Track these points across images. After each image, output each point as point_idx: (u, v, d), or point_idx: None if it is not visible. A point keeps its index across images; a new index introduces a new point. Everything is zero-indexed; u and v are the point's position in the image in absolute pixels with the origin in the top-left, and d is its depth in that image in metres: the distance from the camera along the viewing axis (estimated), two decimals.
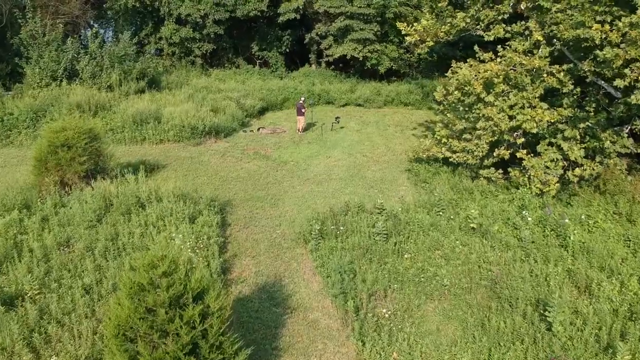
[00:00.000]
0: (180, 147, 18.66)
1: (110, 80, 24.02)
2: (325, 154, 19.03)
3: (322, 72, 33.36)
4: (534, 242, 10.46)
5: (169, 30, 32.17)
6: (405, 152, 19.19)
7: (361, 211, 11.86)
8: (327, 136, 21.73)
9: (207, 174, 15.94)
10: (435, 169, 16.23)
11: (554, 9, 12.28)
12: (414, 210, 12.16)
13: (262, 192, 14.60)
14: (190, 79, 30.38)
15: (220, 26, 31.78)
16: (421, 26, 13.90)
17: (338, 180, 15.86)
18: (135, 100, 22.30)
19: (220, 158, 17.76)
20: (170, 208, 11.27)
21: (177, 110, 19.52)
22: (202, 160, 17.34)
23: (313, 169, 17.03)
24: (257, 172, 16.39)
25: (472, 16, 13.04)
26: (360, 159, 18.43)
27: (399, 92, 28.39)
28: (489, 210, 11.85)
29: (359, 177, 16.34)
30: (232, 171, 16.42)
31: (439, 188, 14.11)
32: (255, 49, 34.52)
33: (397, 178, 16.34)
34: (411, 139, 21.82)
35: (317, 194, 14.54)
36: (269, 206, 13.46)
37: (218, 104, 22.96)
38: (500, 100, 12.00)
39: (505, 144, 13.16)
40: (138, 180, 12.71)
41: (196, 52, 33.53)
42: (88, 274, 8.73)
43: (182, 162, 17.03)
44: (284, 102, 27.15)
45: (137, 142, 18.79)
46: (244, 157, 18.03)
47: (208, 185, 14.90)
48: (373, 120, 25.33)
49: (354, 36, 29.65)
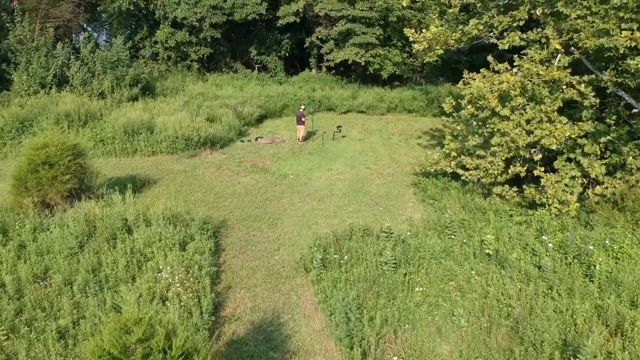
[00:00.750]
0: (173, 160, 17.84)
1: (102, 87, 23.23)
2: (326, 166, 18.23)
3: (322, 77, 32.57)
4: (556, 272, 9.64)
5: (165, 33, 31.38)
6: (411, 164, 18.37)
7: (366, 235, 11.03)
8: (329, 146, 20.93)
9: (201, 190, 15.13)
10: (443, 184, 15.43)
11: (573, 15, 11.48)
12: (423, 233, 11.33)
13: (259, 210, 13.79)
14: (186, 85, 29.62)
15: (217, 30, 31.00)
16: (430, 33, 13.11)
17: (340, 196, 15.05)
18: (128, 108, 21.49)
19: (216, 171, 16.94)
20: (159, 233, 10.44)
21: (171, 119, 18.71)
22: (196, 174, 16.52)
23: (314, 183, 16.22)
24: (254, 187, 15.58)
25: (486, 23, 12.25)
26: (363, 172, 17.63)
27: (403, 99, 27.61)
28: (505, 233, 11.02)
29: (363, 192, 15.53)
30: (228, 186, 15.60)
31: (449, 207, 13.32)
32: (254, 53, 33.75)
33: (403, 193, 15.54)
34: (416, 148, 21.04)
35: (319, 212, 13.72)
36: (266, 227, 12.64)
37: (214, 112, 22.16)
38: (517, 115, 11.19)
39: (520, 159, 12.34)
40: (125, 201, 11.87)
41: (192, 56, 32.74)
42: (64, 314, 7.90)
43: (175, 177, 16.21)
44: (283, 109, 26.37)
45: (128, 154, 17.97)
46: (241, 170, 17.22)
47: (202, 202, 14.08)
48: (376, 129, 24.55)
49: (355, 40, 28.88)
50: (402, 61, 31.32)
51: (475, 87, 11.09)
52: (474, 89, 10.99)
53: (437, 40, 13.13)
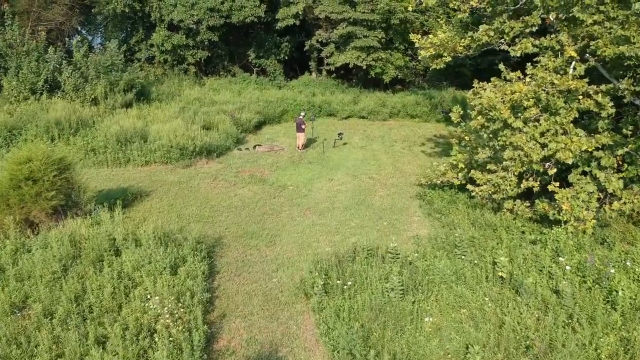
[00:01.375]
0: (167, 170, 17.21)
1: (95, 93, 22.64)
2: (327, 175, 17.61)
3: (322, 81, 31.98)
4: (575, 298, 9.01)
5: (161, 36, 30.78)
6: (415, 174, 17.78)
7: (371, 256, 10.39)
8: (329, 154, 20.32)
9: (196, 203, 14.49)
10: (450, 196, 14.82)
11: (589, 20, 10.87)
12: (431, 253, 10.69)
13: (257, 225, 13.15)
14: (182, 89, 29.02)
15: (214, 33, 30.41)
16: (437, 39, 12.48)
17: (342, 210, 14.42)
18: (121, 115, 20.91)
19: (212, 182, 16.31)
20: (149, 256, 9.81)
21: (165, 128, 18.09)
22: (191, 186, 15.89)
23: (314, 195, 15.59)
24: (252, 200, 14.95)
25: (496, 29, 11.63)
26: (366, 182, 17.01)
27: (405, 104, 27.02)
28: (519, 254, 10.39)
29: (366, 205, 14.90)
30: (225, 199, 14.97)
31: (457, 222, 12.70)
32: (252, 57, 33.16)
33: (408, 206, 14.91)
34: (420, 157, 20.45)
35: (319, 228, 13.09)
36: (264, 245, 12.00)
37: (211, 118, 21.56)
38: (530, 127, 10.56)
39: (533, 173, 11.72)
40: (114, 218, 11.23)
41: (189, 59, 32.15)
42: (42, 351, 7.26)
43: (169, 188, 15.58)
44: (282, 115, 25.77)
45: (120, 164, 17.35)
46: (238, 181, 16.59)
47: (196, 217, 13.44)
48: (378, 135, 23.95)
49: (357, 43, 28.29)
50: (404, 65, 30.73)
51: (485, 97, 10.47)
52: (485, 100, 10.38)
53: (445, 47, 12.52)
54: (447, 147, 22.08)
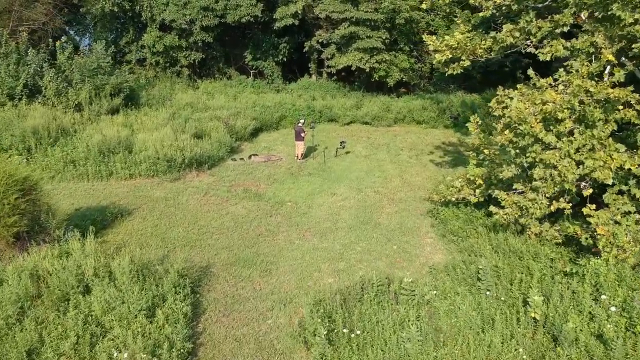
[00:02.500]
0: (154, 184, 15.89)
1: (79, 98, 21.32)
2: (329, 189, 16.30)
3: (323, 85, 30.71)
4: (624, 347, 7.70)
5: (152, 37, 29.52)
6: (425, 188, 16.48)
7: (381, 292, 9.07)
8: (331, 164, 19.02)
9: (183, 223, 13.17)
10: (465, 215, 13.52)
11: (629, 19, 9.58)
12: (451, 288, 9.37)
13: (250, 250, 11.83)
14: (175, 93, 27.75)
15: (209, 33, 29.14)
16: (455, 40, 11.18)
17: (346, 231, 13.11)
18: (106, 122, 19.61)
19: (202, 198, 14.99)
20: (123, 294, 8.48)
21: (152, 137, 16.78)
22: (179, 202, 14.57)
23: (315, 213, 14.28)
24: (246, 219, 13.63)
25: (522, 29, 10.33)
26: (371, 197, 15.71)
27: (411, 109, 25.72)
28: (553, 290, 9.07)
29: (372, 224, 13.60)
30: (215, 218, 13.65)
31: (477, 247, 11.39)
32: (249, 58, 31.90)
33: (419, 225, 13.61)
34: (429, 167, 19.14)
35: (321, 253, 11.77)
36: (258, 275, 10.68)
37: (203, 126, 20.26)
38: (564, 142, 9.26)
39: (564, 193, 10.41)
40: (85, 247, 9.90)
41: (182, 61, 30.89)
42: None
43: (154, 206, 14.26)
44: (280, 121, 24.47)
45: (102, 177, 16.02)
46: (231, 196, 15.27)
47: (182, 241, 12.12)
48: (383, 143, 22.65)
49: (359, 44, 26.99)
50: (409, 67, 29.44)
51: (514, 108, 9.16)
52: (514, 112, 9.08)
53: (463, 50, 11.21)
54: (458, 156, 20.84)
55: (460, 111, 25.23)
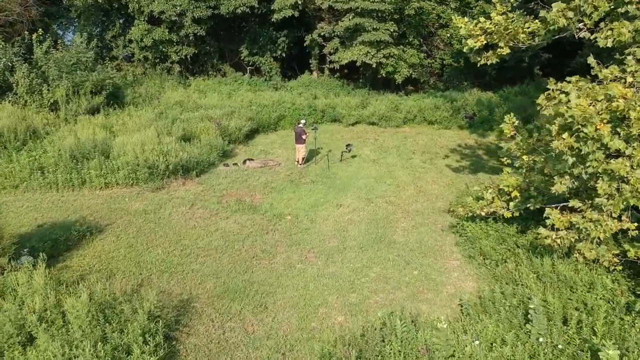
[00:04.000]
0: (133, 195, 14.05)
1: (55, 96, 19.52)
2: (334, 199, 14.48)
3: (325, 82, 28.92)
4: None
5: (140, 30, 27.67)
6: (443, 196, 14.69)
7: (407, 341, 7.22)
8: (336, 170, 17.19)
9: (163, 243, 11.34)
10: (496, 231, 11.73)
11: None
12: (494, 332, 7.53)
13: (242, 277, 10.01)
14: (165, 91, 25.99)
15: (201, 26, 27.32)
16: (492, 23, 9.33)
17: (356, 251, 11.28)
18: (83, 123, 17.82)
19: (188, 211, 13.16)
20: (75, 346, 6.64)
21: (132, 140, 14.94)
22: (160, 217, 12.73)
23: (319, 229, 12.45)
24: (237, 237, 11.80)
25: (577, 8, 8.50)
26: (383, 208, 13.89)
27: (422, 108, 23.87)
28: (627, 338, 7.24)
29: (386, 242, 11.77)
30: (202, 235, 11.82)
31: (517, 274, 9.57)
32: (245, 54, 30.07)
33: (442, 244, 11.78)
34: (445, 173, 17.30)
35: (327, 280, 9.94)
36: (251, 311, 8.85)
37: (193, 127, 18.46)
38: (636, 148, 7.43)
39: (628, 209, 8.57)
40: (33, 281, 8.05)
41: (173, 57, 29.06)
42: None
43: (131, 221, 12.42)
44: (278, 121, 22.65)
45: (73, 186, 14.18)
46: (222, 208, 13.44)
47: (161, 266, 10.29)
48: (392, 145, 20.81)
49: (365, 38, 25.13)
50: (419, 62, 27.62)
51: (576, 105, 7.33)
52: (576, 111, 7.25)
53: (501, 35, 9.38)
54: (477, 160, 19.03)
55: (476, 110, 23.40)
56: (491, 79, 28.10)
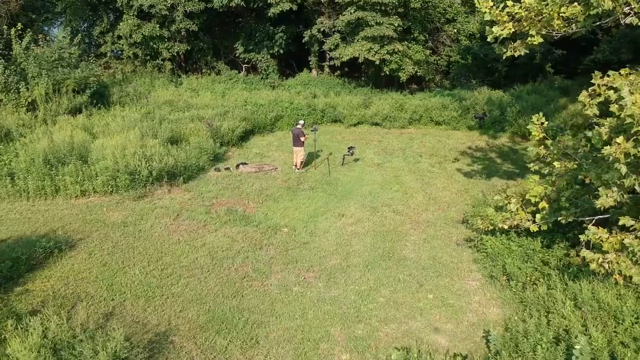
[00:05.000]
0: (112, 204, 12.77)
1: (33, 95, 18.27)
2: (336, 208, 13.23)
3: (325, 80, 27.70)
4: None
5: (129, 26, 26.44)
6: (455, 204, 13.47)
7: None
8: (337, 175, 15.94)
9: (142, 261, 10.07)
10: (519, 246, 10.50)
11: None
12: None
13: (231, 303, 8.74)
14: (155, 90, 24.78)
15: (193, 20, 26.10)
16: (522, 8, 8.06)
17: (362, 269, 10.03)
18: (63, 124, 16.56)
19: (172, 223, 11.88)
20: None
21: (112, 143, 13.68)
22: (140, 230, 11.46)
23: (319, 243, 11.19)
24: (227, 253, 10.53)
25: None
26: (390, 219, 12.64)
27: (429, 107, 22.62)
28: None
29: (395, 259, 10.52)
30: (186, 252, 10.55)
31: (547, 299, 8.30)
32: (240, 50, 28.83)
33: (458, 261, 10.53)
34: (456, 178, 16.05)
35: (329, 307, 8.68)
36: (239, 347, 7.58)
37: (181, 128, 17.23)
38: None
39: None
40: None
41: (164, 54, 27.83)
42: None
43: (108, 235, 11.15)
44: (275, 122, 21.40)
45: (46, 195, 12.91)
46: (210, 219, 12.16)
47: (137, 289, 9.02)
48: (397, 147, 19.56)
49: (367, 33, 23.87)
50: (424, 59, 26.36)
51: (632, 103, 6.08)
52: (635, 108, 6.00)
53: (532, 21, 8.11)
54: (489, 164, 17.77)
55: (487, 110, 22.15)
56: (500, 77, 26.86)
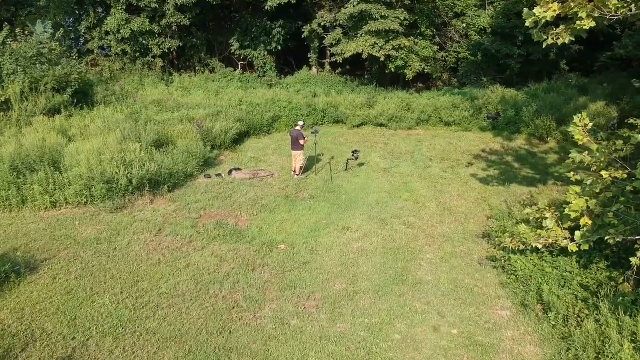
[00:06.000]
0: (86, 217, 11.39)
1: (7, 93, 16.91)
2: (339, 221, 11.88)
3: (326, 78, 26.40)
4: None
5: (117, 20, 25.07)
6: (474, 215, 12.18)
7: None
8: (341, 182, 14.60)
9: (114, 287, 8.70)
10: (553, 267, 9.23)
11: None
12: None
13: (215, 342, 7.38)
14: (144, 88, 23.44)
15: (185, 15, 24.75)
16: None
17: (372, 296, 8.69)
18: (39, 126, 15.22)
19: (152, 240, 10.51)
20: None
21: (87, 147, 12.31)
22: (116, 248, 10.09)
23: (320, 263, 9.84)
24: (214, 277, 9.17)
25: None
26: (401, 233, 11.30)
27: (438, 107, 21.25)
28: None
29: (410, 284, 9.17)
30: (167, 275, 9.19)
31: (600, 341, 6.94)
32: (236, 47, 27.48)
33: (482, 285, 9.18)
34: (472, 185, 14.71)
35: (334, 347, 7.32)
36: None
37: (169, 130, 15.86)
38: None
39: None
40: None
41: (155, 50, 26.45)
42: None
43: (78, 255, 9.79)
44: (272, 123, 20.05)
45: (11, 206, 11.55)
46: (197, 235, 10.80)
47: (105, 324, 7.65)
48: (405, 151, 18.20)
49: (372, 27, 22.49)
50: (432, 56, 25.00)
51: None
52: None
53: (581, 2, 6.74)
54: (507, 169, 16.38)
55: (500, 110, 20.78)
56: (513, 75, 25.50)
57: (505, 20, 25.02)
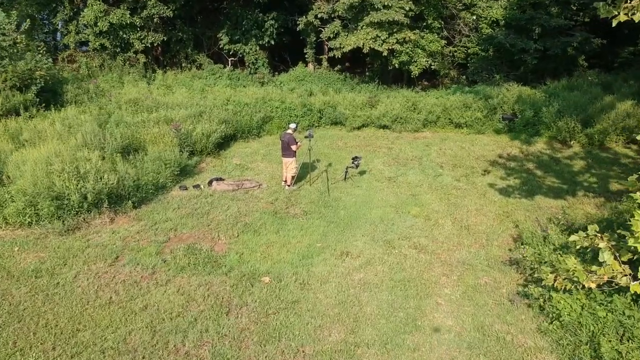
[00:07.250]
0: (28, 241, 9.53)
1: None
2: (337, 243, 10.08)
3: (323, 75, 24.65)
4: None
5: (94, 12, 23.21)
6: (496, 234, 10.36)
7: None
8: (339, 193, 12.79)
9: (45, 341, 6.85)
10: (607, 311, 7.39)
11: None
12: None
13: None
14: (122, 86, 21.71)
15: (168, 5, 22.92)
16: None
17: (377, 352, 6.89)
18: None
19: (106, 271, 8.66)
20: None
21: (34, 156, 10.44)
22: (58, 284, 8.23)
23: (313, 302, 8.01)
24: (176, 325, 7.32)
25: None
26: (411, 258, 9.51)
27: (447, 107, 19.46)
28: None
29: (426, 332, 7.35)
30: (117, 321, 7.33)
31: None
32: (225, 41, 25.64)
33: (517, 332, 7.37)
34: (490, 196, 12.97)
35: None
36: None
37: (141, 133, 14.03)
38: None
39: None
40: None
41: (137, 45, 24.60)
42: None
43: (9, 292, 7.94)
44: (263, 125, 18.24)
45: None
46: (161, 265, 8.94)
47: None
48: (412, 156, 16.40)
49: (373, 18, 20.64)
50: (439, 51, 23.18)
51: None
52: None
53: None
54: (528, 177, 14.56)
55: (517, 110, 18.97)
56: (527, 71, 23.69)
57: (520, 12, 23.22)
